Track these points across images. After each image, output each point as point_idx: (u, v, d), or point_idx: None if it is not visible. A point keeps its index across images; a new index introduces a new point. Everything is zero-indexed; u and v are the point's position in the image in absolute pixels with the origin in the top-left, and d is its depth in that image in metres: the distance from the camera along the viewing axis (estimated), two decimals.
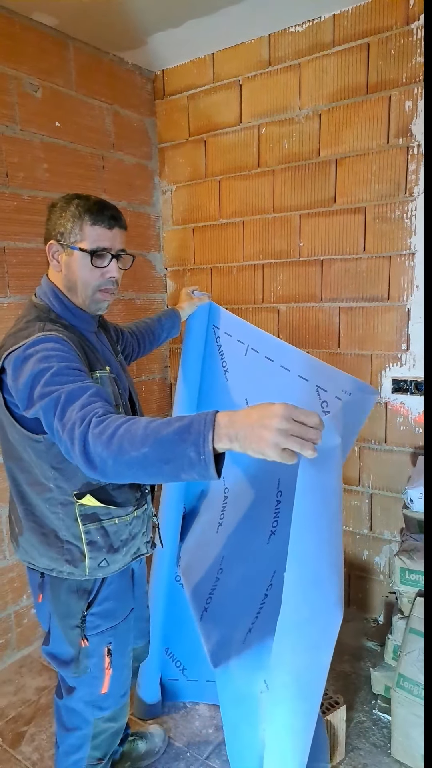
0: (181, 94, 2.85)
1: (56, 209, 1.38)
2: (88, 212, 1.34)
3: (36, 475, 1.34)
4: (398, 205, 2.30)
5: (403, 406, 2.40)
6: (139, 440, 0.99)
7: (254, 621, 1.62)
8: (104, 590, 1.45)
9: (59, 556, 1.37)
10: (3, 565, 2.40)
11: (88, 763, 1.54)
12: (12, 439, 1.35)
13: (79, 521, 1.35)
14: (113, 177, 2.76)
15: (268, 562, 1.63)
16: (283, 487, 1.63)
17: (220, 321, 1.96)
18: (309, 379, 1.57)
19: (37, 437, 1.27)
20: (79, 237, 1.35)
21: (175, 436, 0.97)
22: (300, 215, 2.57)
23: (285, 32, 2.47)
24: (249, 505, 1.78)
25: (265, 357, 1.77)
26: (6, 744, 2.03)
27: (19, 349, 1.25)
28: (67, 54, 2.47)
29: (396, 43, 2.22)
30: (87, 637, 1.43)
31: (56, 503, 1.34)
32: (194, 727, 2.06)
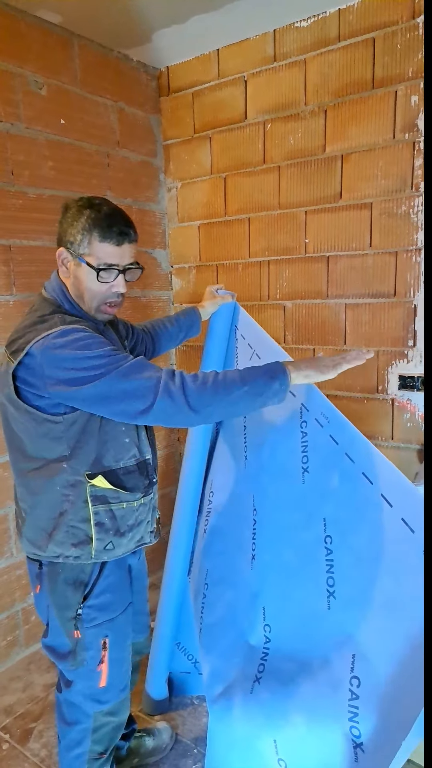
0: (186, 90, 2.85)
1: (68, 215, 1.39)
2: (98, 227, 1.35)
3: (47, 460, 1.36)
4: (404, 200, 2.29)
5: (410, 403, 2.39)
6: (239, 382, 1.29)
7: (260, 673, 1.55)
8: (101, 583, 1.46)
9: (66, 540, 1.40)
10: (10, 562, 2.41)
11: (90, 757, 1.54)
12: (20, 428, 1.36)
13: (89, 502, 1.38)
14: (118, 174, 2.75)
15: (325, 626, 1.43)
16: (331, 529, 1.42)
17: (240, 322, 1.94)
18: (296, 395, 1.54)
19: (56, 419, 1.31)
20: (87, 251, 1.37)
21: (264, 376, 1.31)
22: (306, 211, 2.56)
23: (290, 27, 2.46)
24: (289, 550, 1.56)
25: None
26: (14, 740, 2.04)
27: (45, 338, 1.27)
28: (71, 51, 2.47)
29: (402, 37, 2.20)
30: (83, 629, 1.44)
31: (67, 484, 1.37)
32: (202, 724, 2.07)
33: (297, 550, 1.52)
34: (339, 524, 1.40)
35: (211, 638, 1.79)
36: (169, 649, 2.10)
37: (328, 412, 1.44)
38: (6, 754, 1.98)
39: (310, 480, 1.49)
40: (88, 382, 1.24)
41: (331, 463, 1.42)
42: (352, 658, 1.30)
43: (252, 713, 1.52)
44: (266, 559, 1.65)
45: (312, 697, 1.38)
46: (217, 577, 1.88)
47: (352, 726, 1.25)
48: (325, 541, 1.42)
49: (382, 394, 2.46)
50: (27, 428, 1.35)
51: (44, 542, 1.42)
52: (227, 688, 1.63)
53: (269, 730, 1.46)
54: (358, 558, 1.33)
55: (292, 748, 1.41)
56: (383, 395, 2.46)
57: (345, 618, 1.34)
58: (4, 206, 2.25)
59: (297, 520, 1.52)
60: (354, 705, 1.26)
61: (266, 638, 1.60)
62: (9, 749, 2.00)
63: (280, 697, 1.46)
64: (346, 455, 1.38)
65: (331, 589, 1.40)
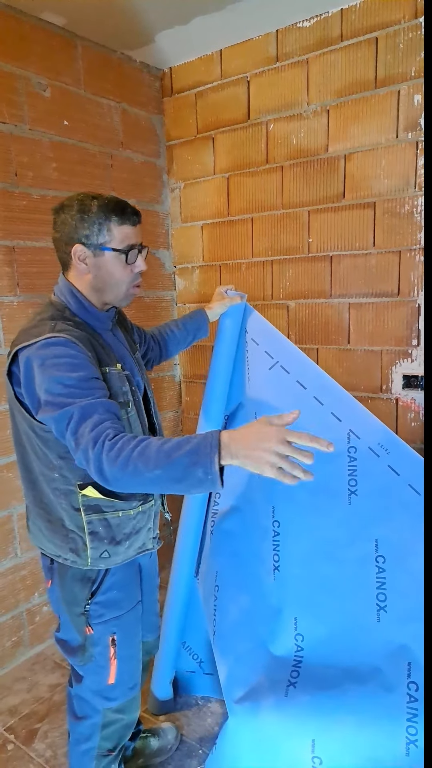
0: (188, 91, 2.85)
1: (72, 212, 1.38)
2: (113, 212, 1.37)
3: (45, 463, 1.38)
4: (408, 200, 2.29)
5: (414, 402, 2.39)
6: (152, 463, 1.10)
7: (294, 678, 1.61)
8: (108, 580, 1.47)
9: (64, 544, 1.41)
10: (15, 562, 2.41)
11: (99, 753, 1.55)
12: (21, 427, 1.39)
13: (82, 511, 1.37)
14: (122, 175, 2.76)
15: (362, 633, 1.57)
16: (385, 550, 1.54)
17: (250, 325, 1.89)
18: (342, 420, 1.59)
19: (45, 427, 1.30)
20: (108, 238, 1.38)
21: (185, 459, 1.09)
22: (309, 211, 2.56)
23: (292, 28, 2.47)
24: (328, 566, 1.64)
25: (297, 381, 1.71)
26: (19, 741, 2.04)
27: (29, 347, 1.28)
28: (75, 53, 2.48)
29: (404, 36, 2.20)
30: (92, 625, 1.45)
31: (60, 492, 1.37)
32: (207, 724, 2.06)
33: (340, 567, 1.61)
34: (394, 546, 1.52)
35: (226, 643, 1.78)
36: (175, 650, 2.09)
37: (388, 443, 1.53)
38: (11, 755, 1.98)
39: (359, 502, 1.58)
40: (47, 408, 1.23)
41: (389, 491, 1.52)
42: (408, 666, 1.45)
43: (288, 714, 1.54)
44: (296, 573, 1.71)
45: (363, 700, 1.48)
46: (229, 580, 1.87)
47: (409, 726, 1.40)
48: (376, 560, 1.55)
49: (386, 393, 2.46)
50: (27, 432, 1.38)
51: (46, 542, 1.45)
52: (251, 691, 1.62)
53: (308, 730, 1.51)
54: (415, 578, 1.47)
55: (334, 746, 1.48)
56: (387, 395, 2.46)
57: (398, 631, 1.49)
58: (8, 207, 2.26)
59: (339, 539, 1.61)
60: (413, 707, 1.41)
61: (298, 647, 1.66)
62: (14, 750, 2.00)
63: (324, 699, 1.52)
64: (410, 486, 1.49)
65: (381, 603, 1.53)
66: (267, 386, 1.78)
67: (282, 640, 1.70)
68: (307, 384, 1.70)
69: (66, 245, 1.40)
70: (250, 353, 1.87)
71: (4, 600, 2.39)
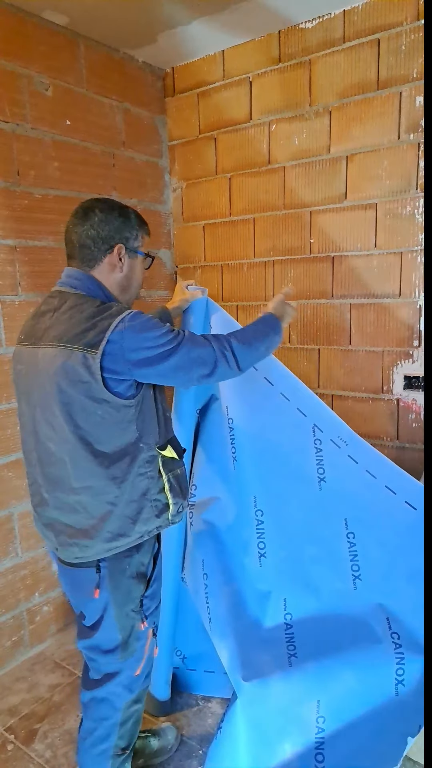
0: (191, 91, 2.85)
1: (114, 213, 1.50)
2: (143, 224, 1.57)
3: (122, 447, 1.42)
4: (409, 201, 2.29)
5: (415, 403, 2.39)
6: (263, 337, 1.59)
7: (292, 650, 1.76)
8: (155, 572, 1.58)
9: (150, 515, 1.48)
10: (15, 562, 2.41)
11: (114, 752, 1.58)
12: (94, 422, 1.38)
13: (163, 471, 1.49)
14: (124, 175, 2.76)
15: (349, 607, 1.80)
16: (354, 527, 1.80)
17: (215, 321, 1.92)
18: (307, 415, 1.83)
19: (130, 402, 1.40)
20: (140, 244, 1.56)
21: (274, 329, 1.63)
22: (311, 212, 2.56)
23: (295, 29, 2.47)
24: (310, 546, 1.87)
25: (265, 378, 1.87)
26: (19, 741, 2.03)
27: (121, 322, 1.36)
28: (77, 52, 2.48)
29: (406, 38, 2.20)
30: (144, 618, 1.55)
31: (144, 462, 1.46)
32: (207, 725, 2.06)
33: (318, 545, 1.84)
34: (361, 523, 1.78)
35: (224, 626, 1.83)
36: (170, 650, 2.09)
37: (346, 436, 1.78)
38: (11, 755, 1.97)
39: (328, 488, 1.82)
40: (165, 358, 1.38)
41: (351, 477, 1.77)
42: (387, 621, 1.70)
43: (295, 681, 1.67)
44: (282, 556, 1.89)
45: (359, 654, 1.68)
46: (216, 567, 1.93)
47: (398, 668, 1.61)
48: (347, 537, 1.79)
49: (387, 394, 2.46)
50: (104, 419, 1.38)
51: (130, 528, 1.46)
52: (257, 668, 1.71)
53: (314, 692, 1.65)
54: (381, 547, 1.75)
55: (337, 702, 1.63)
56: (388, 395, 2.46)
57: (373, 593, 1.76)
58: (10, 206, 2.26)
59: (315, 521, 1.84)
60: (400, 652, 1.63)
61: (287, 624, 1.83)
62: (14, 750, 1.99)
63: (327, 662, 1.68)
64: (368, 472, 1.75)
65: (356, 573, 1.78)
66: (236, 382, 1.88)
67: (272, 620, 1.86)
68: (274, 381, 1.87)
69: (104, 243, 1.48)
70: None
71: (5, 599, 2.39)
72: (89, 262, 1.48)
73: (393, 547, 1.73)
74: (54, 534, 1.50)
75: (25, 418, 1.51)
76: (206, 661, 2.15)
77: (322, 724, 1.62)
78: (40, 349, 1.42)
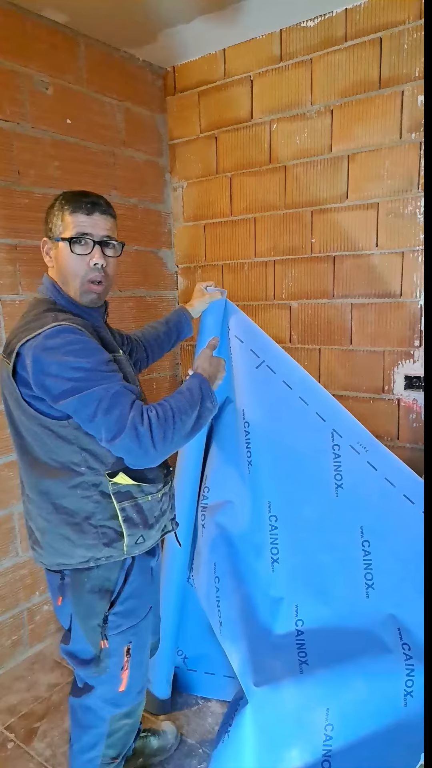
0: (192, 90, 2.84)
1: (49, 208, 1.42)
2: (68, 202, 1.37)
3: (62, 464, 1.33)
4: (411, 200, 2.28)
5: (416, 403, 2.39)
6: (189, 412, 1.33)
7: (303, 657, 1.74)
8: (126, 589, 1.46)
9: (97, 542, 1.37)
10: (15, 561, 2.41)
11: (102, 761, 1.54)
12: (29, 433, 1.34)
13: (114, 499, 1.37)
14: (124, 174, 2.75)
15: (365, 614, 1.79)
16: (369, 535, 1.78)
17: (233, 323, 1.92)
18: (326, 420, 1.81)
19: (62, 422, 1.29)
20: (62, 228, 1.37)
21: (195, 404, 1.36)
22: (312, 211, 2.55)
23: (296, 27, 2.46)
24: (323, 553, 1.85)
25: (283, 381, 1.85)
26: (19, 740, 2.03)
27: (35, 338, 1.24)
28: (77, 51, 2.47)
29: (409, 37, 2.19)
30: (108, 636, 1.43)
31: (88, 486, 1.35)
32: (207, 724, 2.06)
33: (332, 553, 1.82)
34: (377, 532, 1.76)
35: (235, 630, 1.80)
36: (171, 649, 2.10)
37: (365, 442, 1.77)
38: (10, 754, 1.97)
39: (345, 495, 1.80)
40: (67, 395, 1.22)
41: (369, 484, 1.76)
42: (398, 631, 1.70)
43: (306, 687, 1.66)
44: (295, 562, 1.88)
45: (369, 663, 1.67)
46: (228, 570, 1.90)
47: (408, 679, 1.61)
48: (362, 545, 1.78)
49: (388, 394, 2.45)
50: (36, 433, 1.33)
51: (70, 549, 1.38)
52: (268, 673, 1.69)
53: (324, 700, 1.64)
54: (395, 557, 1.74)
55: (346, 710, 1.63)
56: (389, 395, 2.45)
57: (385, 603, 1.74)
58: (10, 205, 2.25)
59: (330, 528, 1.82)
60: (410, 663, 1.63)
61: (298, 631, 1.82)
62: (13, 748, 2.00)
63: (339, 669, 1.68)
64: (386, 480, 1.74)
65: (369, 582, 1.77)
66: (253, 384, 1.86)
67: (283, 627, 1.84)
68: (293, 384, 1.84)
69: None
70: (235, 350, 1.90)
71: (4, 599, 2.39)
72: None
73: (407, 557, 1.73)
74: (29, 539, 1.51)
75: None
76: (207, 662, 2.15)
77: (330, 732, 1.61)
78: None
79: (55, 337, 1.24)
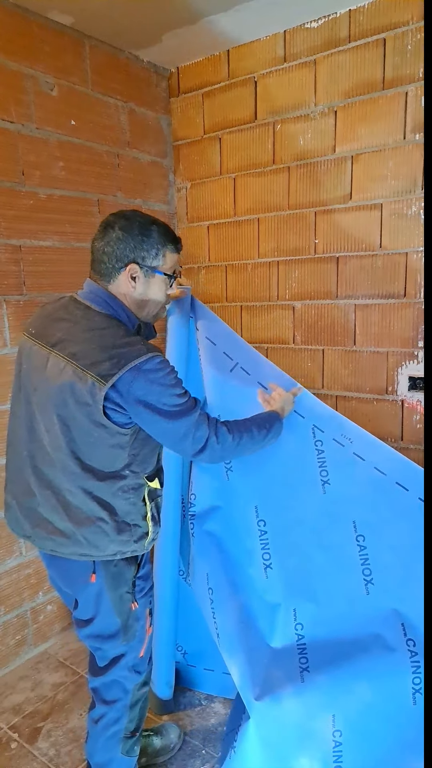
0: (196, 91, 2.85)
1: (132, 232, 1.46)
2: (171, 241, 1.52)
3: (110, 467, 1.44)
4: (414, 201, 2.28)
5: (420, 404, 2.39)
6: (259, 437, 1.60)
7: (304, 664, 1.71)
8: (145, 554, 1.61)
9: (129, 539, 1.49)
10: (20, 561, 2.42)
11: (124, 735, 1.63)
12: (88, 441, 1.41)
13: (147, 501, 1.51)
14: (128, 175, 2.76)
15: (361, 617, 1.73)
16: (363, 529, 1.73)
17: (202, 324, 1.89)
18: (305, 416, 1.78)
19: (125, 431, 1.41)
20: (161, 262, 1.51)
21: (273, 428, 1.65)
22: (315, 212, 2.55)
23: (300, 28, 2.46)
24: (318, 553, 1.80)
25: (258, 382, 1.83)
26: (23, 740, 2.04)
27: (137, 365, 1.36)
28: (82, 52, 2.48)
29: (412, 38, 2.20)
30: (137, 600, 1.56)
31: (129, 488, 1.47)
32: (210, 724, 2.06)
33: (326, 552, 1.76)
34: (371, 525, 1.70)
35: (233, 642, 1.78)
36: (171, 650, 2.09)
37: (350, 433, 1.74)
38: (15, 753, 1.98)
39: (332, 490, 1.75)
40: (166, 417, 1.39)
41: (358, 476, 1.71)
42: (402, 627, 1.64)
43: (308, 696, 1.62)
44: (289, 565, 1.82)
45: (373, 665, 1.62)
46: (221, 580, 1.88)
47: (414, 677, 1.58)
48: (357, 540, 1.72)
49: (392, 395, 2.45)
50: (96, 440, 1.40)
51: (106, 544, 1.46)
52: (268, 685, 1.66)
53: (328, 707, 1.60)
54: (393, 549, 1.67)
55: (353, 715, 1.59)
56: (393, 396, 2.45)
57: (387, 598, 1.68)
58: (15, 206, 2.26)
59: (321, 526, 1.77)
60: (415, 660, 1.59)
61: (299, 636, 1.76)
62: (18, 748, 2.00)
63: (339, 674, 1.63)
64: (376, 469, 1.69)
65: (368, 578, 1.70)
66: (229, 387, 1.84)
67: (282, 633, 1.79)
68: (267, 385, 1.82)
69: (118, 261, 1.47)
70: (207, 353, 1.88)
71: (9, 598, 2.40)
72: (105, 277, 1.49)
73: (406, 548, 1.66)
74: (30, 524, 1.53)
75: (21, 413, 1.52)
76: (206, 658, 2.15)
77: (339, 738, 1.58)
78: (52, 356, 1.42)
79: (156, 372, 1.38)
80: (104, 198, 2.64)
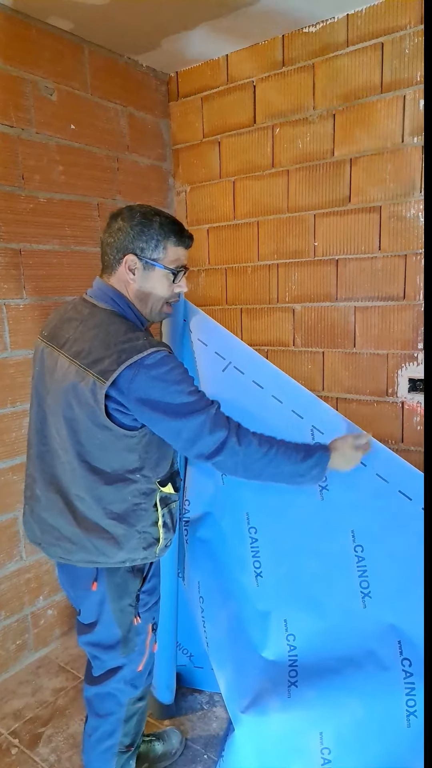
0: (195, 95, 2.86)
1: (132, 222, 1.42)
2: (173, 233, 1.44)
3: (120, 471, 1.39)
4: (413, 203, 2.29)
5: (420, 406, 2.39)
6: (292, 462, 1.43)
7: (293, 678, 1.67)
8: (152, 568, 1.56)
9: (138, 545, 1.45)
10: (20, 565, 2.41)
11: (119, 749, 1.59)
12: (94, 443, 1.37)
13: (159, 507, 1.46)
14: (128, 179, 2.77)
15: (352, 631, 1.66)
16: (362, 539, 1.63)
17: (194, 325, 1.85)
18: (304, 417, 1.65)
19: (132, 434, 1.37)
20: (162, 255, 1.44)
21: (312, 462, 1.44)
22: (314, 215, 2.56)
23: (299, 33, 2.47)
24: (312, 562, 1.71)
25: (253, 381, 1.71)
26: (23, 745, 2.03)
27: (138, 362, 1.30)
28: (82, 57, 2.49)
29: (410, 42, 2.21)
30: (140, 614, 1.52)
31: (139, 493, 1.43)
32: (211, 729, 2.05)
33: (321, 561, 1.68)
34: (371, 534, 1.61)
35: (221, 653, 1.77)
36: (173, 654, 2.08)
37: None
38: (15, 759, 1.97)
39: (331, 497, 1.65)
40: (171, 416, 1.31)
41: (359, 482, 1.59)
42: (398, 644, 1.56)
43: (295, 712, 1.59)
44: (280, 574, 1.76)
45: (363, 683, 1.57)
46: (212, 589, 1.87)
47: (408, 699, 1.51)
48: (355, 550, 1.63)
49: (392, 397, 2.45)
50: (103, 442, 1.37)
51: (114, 551, 1.43)
52: (255, 698, 1.63)
53: (316, 724, 1.57)
54: (394, 561, 1.58)
55: (342, 733, 1.55)
56: (393, 398, 2.45)
57: (384, 612, 1.59)
58: (15, 210, 2.27)
59: (317, 534, 1.68)
60: (410, 681, 1.52)
61: (291, 647, 1.71)
62: (18, 754, 1.99)
63: (328, 691, 1.59)
64: (378, 476, 1.57)
65: (365, 590, 1.62)
66: (222, 388, 1.73)
67: (274, 643, 1.75)
68: (263, 383, 1.70)
69: (118, 252, 1.44)
70: (199, 354, 1.83)
71: (9, 603, 2.39)
72: (108, 269, 1.48)
73: (407, 560, 1.56)
74: (39, 530, 1.52)
75: (33, 415, 1.52)
76: None
77: (328, 755, 1.55)
78: (61, 357, 1.41)
79: (158, 363, 1.31)
80: (104, 202, 2.64)
